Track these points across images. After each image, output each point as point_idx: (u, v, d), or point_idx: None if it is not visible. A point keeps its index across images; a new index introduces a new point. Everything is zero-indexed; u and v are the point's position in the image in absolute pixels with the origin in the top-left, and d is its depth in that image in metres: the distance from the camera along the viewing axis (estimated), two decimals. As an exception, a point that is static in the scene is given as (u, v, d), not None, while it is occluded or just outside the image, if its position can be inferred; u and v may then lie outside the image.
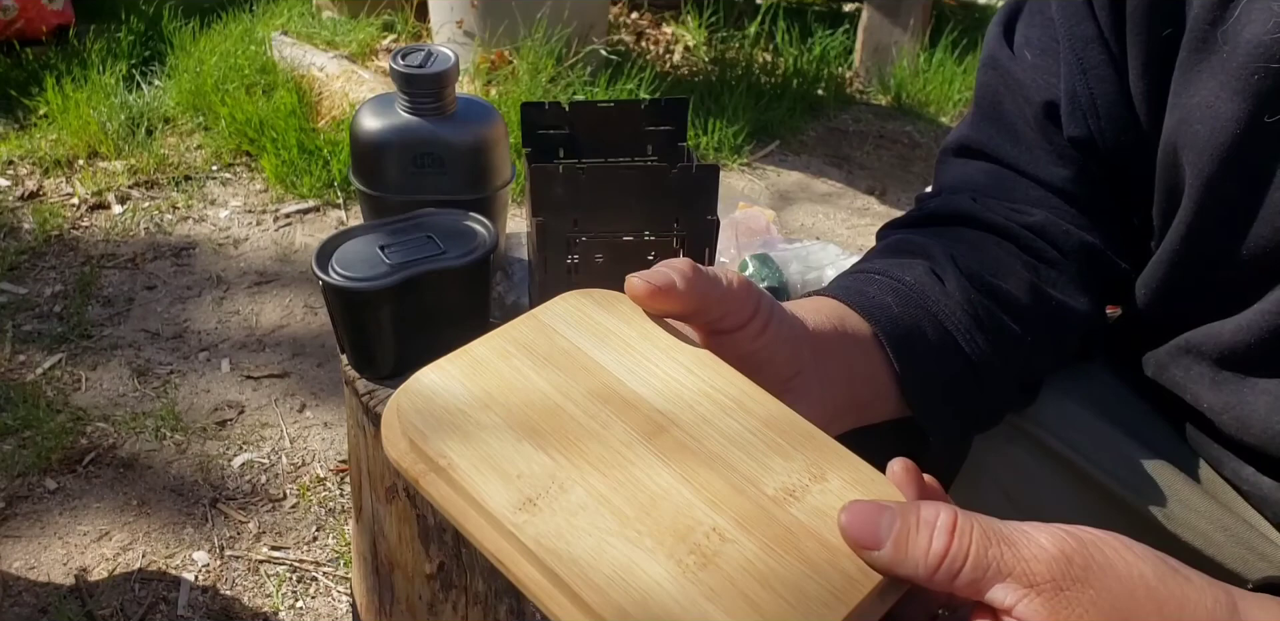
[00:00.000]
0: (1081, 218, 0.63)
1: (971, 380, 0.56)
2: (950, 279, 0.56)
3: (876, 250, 0.62)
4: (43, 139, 2.26)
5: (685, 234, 0.78)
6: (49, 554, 1.35)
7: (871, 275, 0.56)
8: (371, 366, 0.88)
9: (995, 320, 0.56)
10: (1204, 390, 0.58)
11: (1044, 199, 0.63)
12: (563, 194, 0.75)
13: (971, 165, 0.67)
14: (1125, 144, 0.60)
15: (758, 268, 1.45)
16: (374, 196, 0.93)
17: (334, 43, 2.57)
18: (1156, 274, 0.60)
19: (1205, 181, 0.53)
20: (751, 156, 2.43)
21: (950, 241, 0.60)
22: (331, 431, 1.58)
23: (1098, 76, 0.59)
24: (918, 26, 2.75)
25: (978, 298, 0.56)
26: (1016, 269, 0.60)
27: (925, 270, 0.56)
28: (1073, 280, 0.62)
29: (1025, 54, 0.63)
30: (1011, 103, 0.64)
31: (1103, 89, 0.59)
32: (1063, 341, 0.62)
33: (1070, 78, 0.60)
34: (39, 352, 1.70)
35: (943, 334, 0.55)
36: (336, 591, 1.32)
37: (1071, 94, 0.60)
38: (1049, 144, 0.62)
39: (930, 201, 0.67)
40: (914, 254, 0.59)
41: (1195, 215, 0.55)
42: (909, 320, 0.54)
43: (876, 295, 0.54)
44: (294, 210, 2.11)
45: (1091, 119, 0.60)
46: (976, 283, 0.57)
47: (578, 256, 0.78)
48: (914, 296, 0.55)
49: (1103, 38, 0.58)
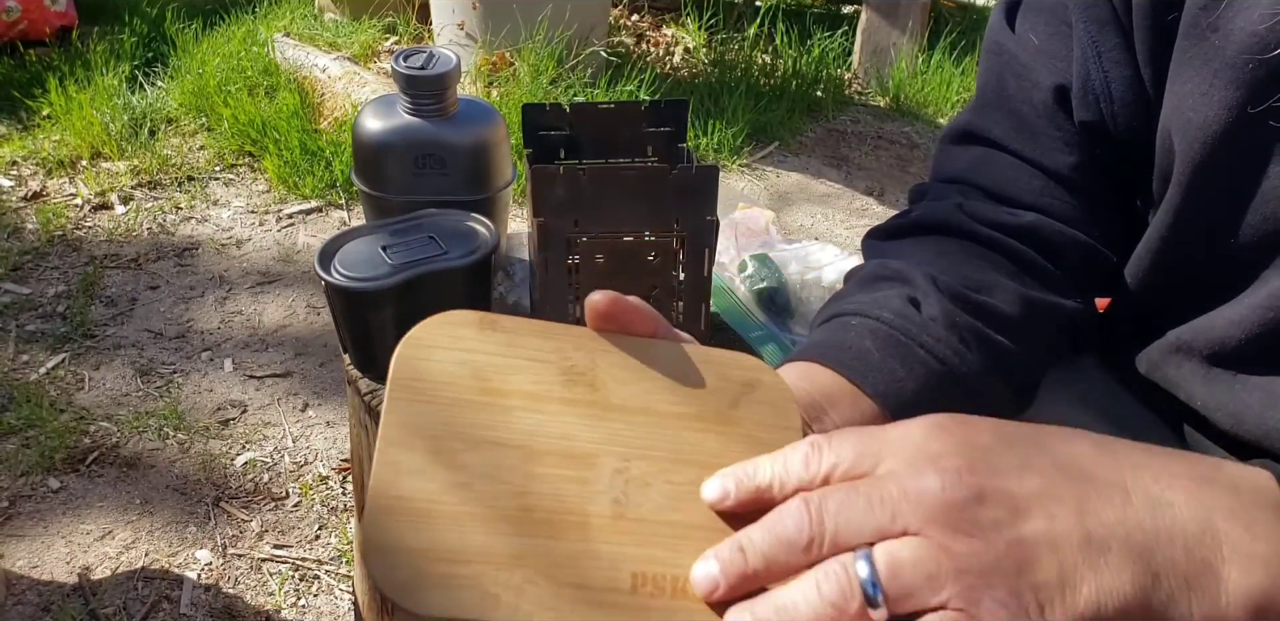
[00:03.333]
0: (1079, 210, 0.62)
1: (965, 397, 0.55)
2: (931, 304, 0.56)
3: (854, 282, 0.61)
4: (46, 140, 2.27)
5: (685, 234, 0.78)
6: (52, 552, 1.36)
7: (847, 319, 0.56)
8: (374, 366, 0.88)
9: (982, 337, 0.56)
10: (1197, 387, 0.58)
11: (1044, 188, 0.63)
12: (563, 195, 0.76)
13: (971, 152, 0.66)
14: (1137, 129, 0.59)
15: (757, 268, 1.46)
16: (376, 197, 0.94)
17: (336, 44, 2.58)
18: (1143, 261, 0.60)
19: (1194, 168, 0.53)
20: (751, 157, 2.43)
21: (932, 257, 0.60)
22: (334, 430, 1.58)
23: (1112, 59, 0.58)
24: (916, 28, 2.76)
25: (962, 318, 0.56)
26: (1002, 281, 0.59)
27: (903, 301, 0.56)
28: (1063, 280, 0.62)
29: (1031, 38, 0.62)
30: (1017, 88, 0.63)
31: (1117, 72, 0.58)
32: (1055, 341, 0.62)
33: (1084, 61, 0.59)
34: (42, 352, 1.70)
35: (930, 361, 0.54)
36: (339, 590, 1.33)
37: (1085, 77, 0.59)
38: (1056, 130, 0.61)
39: (915, 208, 0.66)
40: (891, 280, 0.58)
41: (1182, 201, 0.55)
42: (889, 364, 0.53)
43: (854, 343, 0.54)
44: (296, 211, 2.12)
45: (1105, 103, 0.59)
46: (960, 302, 0.56)
47: (578, 257, 0.79)
48: (893, 336, 0.54)
49: (1117, 20, 0.57)
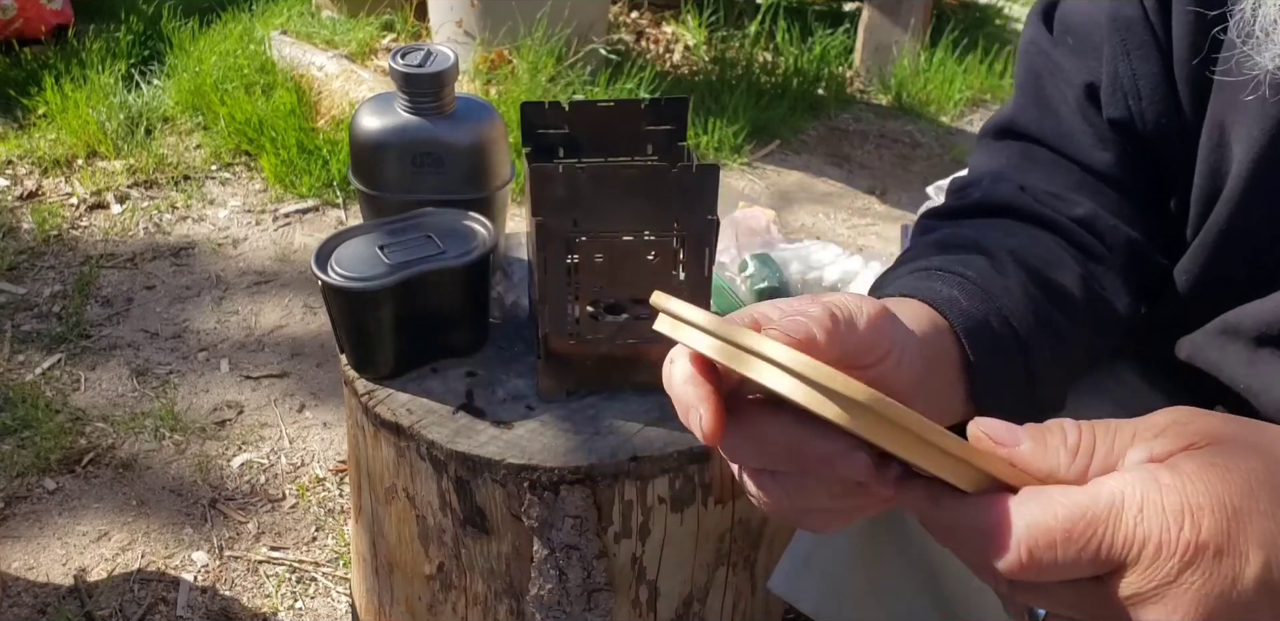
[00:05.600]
0: (1125, 205, 0.63)
1: (1025, 379, 0.55)
2: (1010, 274, 0.55)
3: (925, 245, 0.61)
4: (42, 139, 2.26)
5: (685, 234, 0.77)
6: (48, 554, 1.35)
7: (933, 271, 0.55)
8: (371, 366, 0.87)
9: (1051, 317, 0.56)
10: (1240, 370, 0.58)
11: (1087, 184, 0.63)
12: (562, 194, 0.75)
13: (1013, 147, 0.66)
14: (1165, 127, 0.60)
15: (758, 267, 1.45)
16: (373, 196, 0.93)
17: (333, 42, 2.57)
18: (1199, 258, 0.60)
19: (1257, 156, 0.53)
20: (752, 156, 2.42)
21: (1003, 234, 0.60)
22: (331, 431, 1.57)
23: (1140, 57, 0.59)
24: (918, 26, 2.75)
25: (1036, 293, 0.55)
26: (1068, 263, 0.59)
27: (985, 265, 0.56)
28: (1117, 277, 0.62)
29: (1067, 39, 0.63)
30: (1053, 86, 0.64)
31: (1145, 69, 0.59)
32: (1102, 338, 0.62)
33: (1113, 59, 0.60)
34: (38, 353, 1.69)
35: (1008, 330, 0.53)
36: (336, 592, 1.32)
37: (1113, 74, 0.60)
38: (1090, 127, 0.62)
39: (974, 190, 0.66)
40: (967, 249, 0.58)
41: (1244, 192, 0.55)
42: (979, 315, 0.53)
43: (943, 290, 0.53)
44: (293, 210, 2.11)
45: (1133, 100, 0.60)
46: (1033, 277, 0.56)
47: (577, 256, 0.78)
48: (979, 292, 0.54)
49: (1146, 19, 0.58)
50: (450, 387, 0.87)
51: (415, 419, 0.84)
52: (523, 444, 0.81)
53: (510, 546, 0.86)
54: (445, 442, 0.81)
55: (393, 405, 0.85)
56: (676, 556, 0.88)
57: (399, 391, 0.87)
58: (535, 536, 0.83)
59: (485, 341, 0.92)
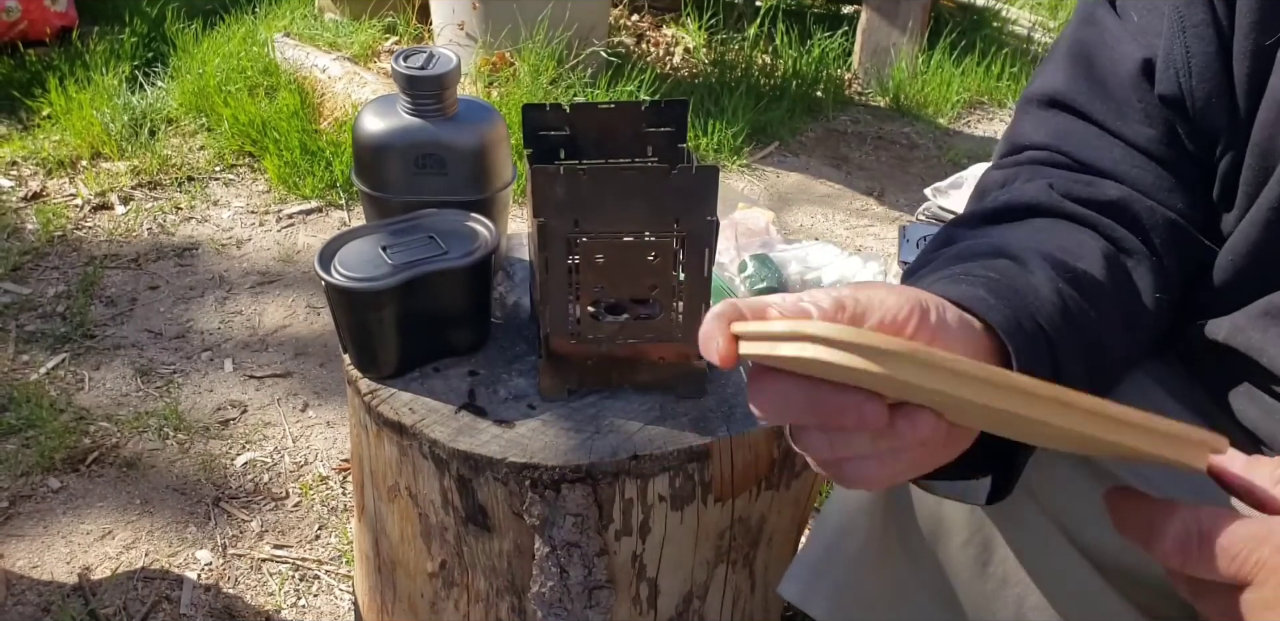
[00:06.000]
0: (1167, 182, 0.63)
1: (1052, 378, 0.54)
2: (1036, 269, 0.55)
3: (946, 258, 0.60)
4: (46, 140, 2.27)
5: (685, 234, 0.78)
6: (52, 553, 1.36)
7: (958, 276, 0.55)
8: (374, 366, 0.88)
9: (1080, 314, 0.55)
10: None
11: (1127, 157, 0.63)
12: (563, 195, 0.75)
13: (1059, 117, 0.67)
14: (1215, 107, 0.60)
15: (757, 268, 1.46)
16: (376, 197, 0.94)
17: (336, 44, 2.58)
18: (1249, 236, 0.60)
19: None
20: (751, 157, 2.43)
21: (1029, 233, 0.60)
22: (334, 431, 1.58)
23: (1196, 35, 0.59)
24: (916, 28, 2.76)
25: (1065, 288, 0.55)
26: (1099, 258, 0.59)
27: (1010, 266, 0.55)
28: (1149, 271, 0.61)
29: (1131, 14, 0.64)
30: (1106, 59, 0.64)
31: (1199, 47, 0.59)
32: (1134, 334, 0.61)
33: (1170, 35, 0.60)
34: (42, 352, 1.70)
35: (1035, 327, 0.53)
36: (339, 590, 1.33)
37: (1168, 51, 0.60)
38: (1139, 102, 0.63)
39: (1001, 193, 0.66)
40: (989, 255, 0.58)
41: None
42: (1010, 312, 0.52)
43: (970, 290, 0.53)
44: (296, 211, 2.12)
45: (1184, 77, 0.60)
46: (1060, 269, 0.56)
47: (578, 257, 0.79)
48: (1006, 291, 0.53)
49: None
50: (452, 387, 0.88)
51: (418, 418, 0.84)
52: (524, 442, 0.82)
53: (512, 544, 0.86)
54: (447, 441, 0.82)
55: (395, 404, 0.86)
56: (676, 554, 0.88)
57: (401, 391, 0.87)
58: (536, 534, 0.83)
59: (487, 341, 0.93)
